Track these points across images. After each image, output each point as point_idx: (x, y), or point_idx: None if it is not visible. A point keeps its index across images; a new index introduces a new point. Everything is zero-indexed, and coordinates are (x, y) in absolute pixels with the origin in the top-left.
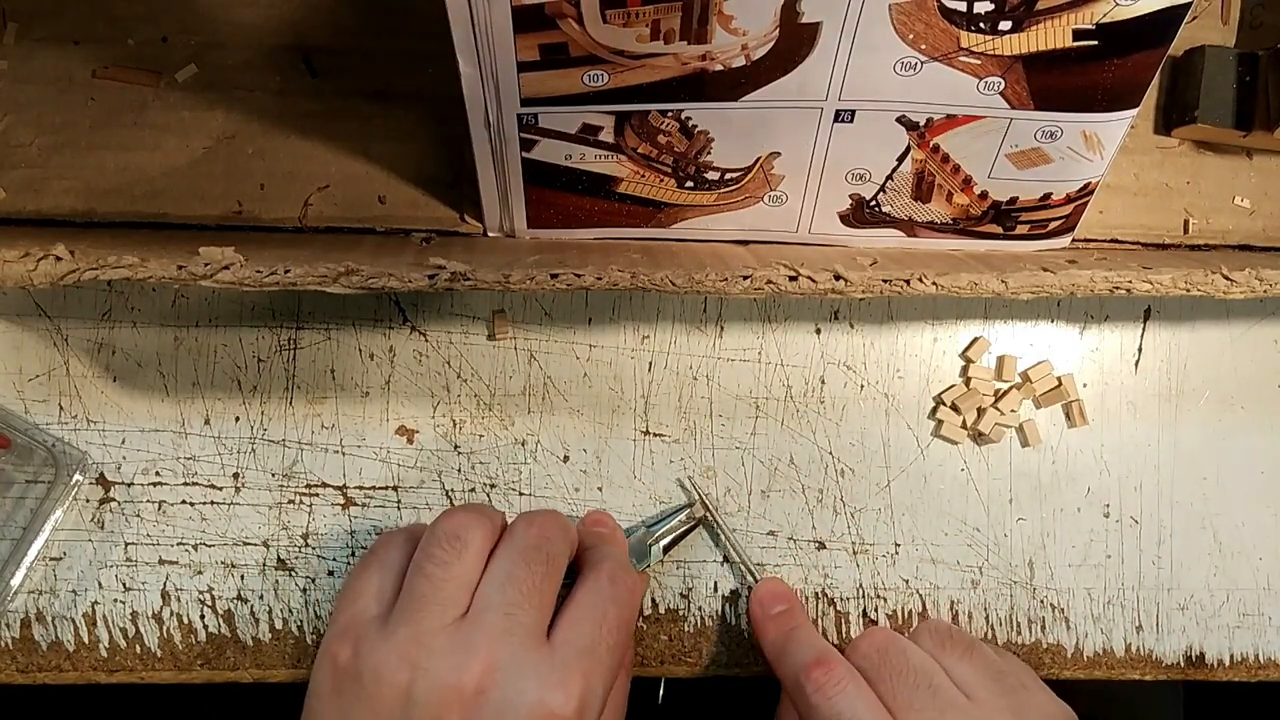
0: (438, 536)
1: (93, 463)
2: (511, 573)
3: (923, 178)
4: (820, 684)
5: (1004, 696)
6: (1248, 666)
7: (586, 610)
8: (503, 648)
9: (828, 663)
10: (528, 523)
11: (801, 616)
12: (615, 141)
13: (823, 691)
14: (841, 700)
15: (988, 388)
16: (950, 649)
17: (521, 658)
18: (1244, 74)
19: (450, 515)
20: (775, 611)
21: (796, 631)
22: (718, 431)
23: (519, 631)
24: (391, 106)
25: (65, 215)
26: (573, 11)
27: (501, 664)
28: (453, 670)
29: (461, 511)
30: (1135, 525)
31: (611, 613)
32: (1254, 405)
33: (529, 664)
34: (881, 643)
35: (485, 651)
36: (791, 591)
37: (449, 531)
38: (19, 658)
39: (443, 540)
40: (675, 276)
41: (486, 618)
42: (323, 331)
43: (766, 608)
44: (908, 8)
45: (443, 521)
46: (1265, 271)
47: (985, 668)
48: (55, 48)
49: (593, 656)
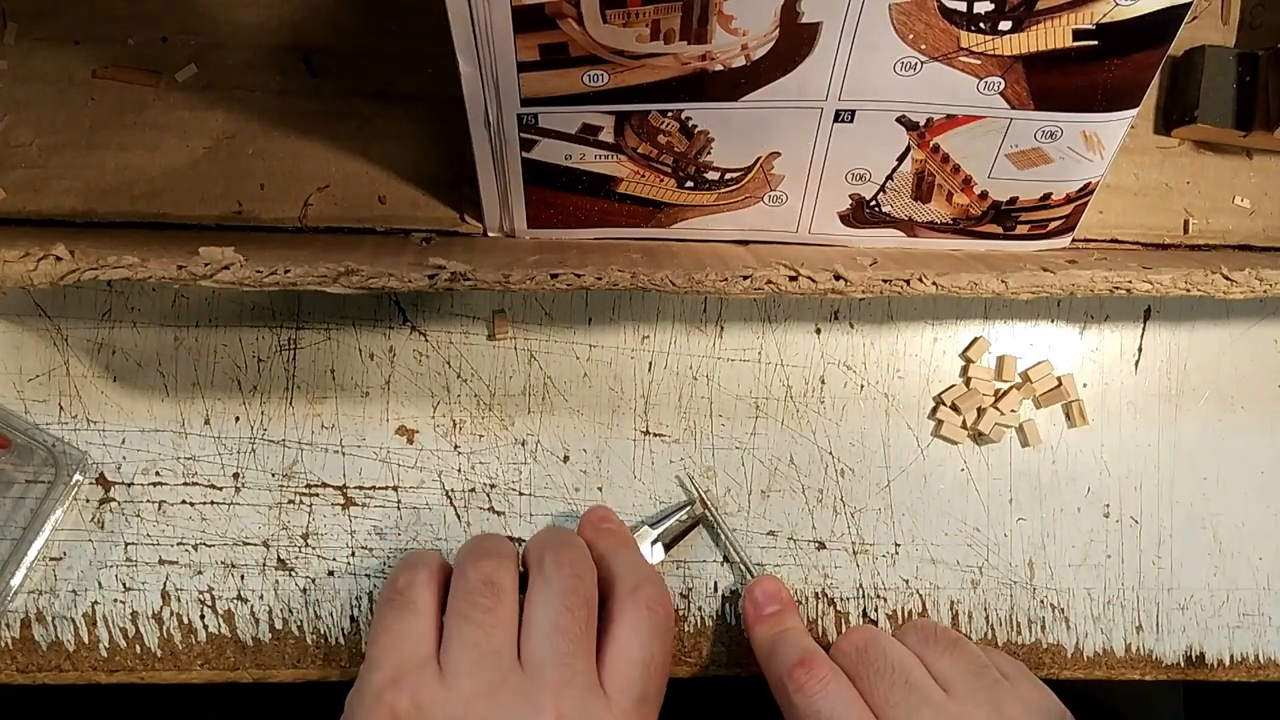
0: (474, 585)
1: (93, 463)
2: (558, 623)
3: (923, 178)
4: (802, 683)
5: (983, 691)
6: (1248, 666)
7: (634, 652)
8: (567, 700)
9: (811, 662)
10: (556, 563)
11: (793, 618)
12: (615, 141)
13: (804, 690)
14: (821, 699)
15: (988, 388)
16: (932, 645)
17: (586, 709)
18: (1244, 74)
19: (479, 560)
20: (768, 611)
21: (787, 633)
22: (718, 431)
23: (578, 681)
24: (391, 106)
25: (65, 215)
26: (573, 11)
27: (569, 717)
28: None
29: (485, 556)
30: (1135, 525)
31: (658, 649)
32: (1254, 405)
33: (593, 716)
34: (861, 641)
35: (551, 705)
36: (786, 591)
37: (484, 578)
38: (19, 658)
39: (481, 589)
40: (675, 276)
41: (546, 672)
42: (323, 331)
43: (760, 607)
44: (908, 8)
45: (470, 569)
46: (1265, 271)
47: (966, 663)
48: (55, 48)
49: (646, 702)
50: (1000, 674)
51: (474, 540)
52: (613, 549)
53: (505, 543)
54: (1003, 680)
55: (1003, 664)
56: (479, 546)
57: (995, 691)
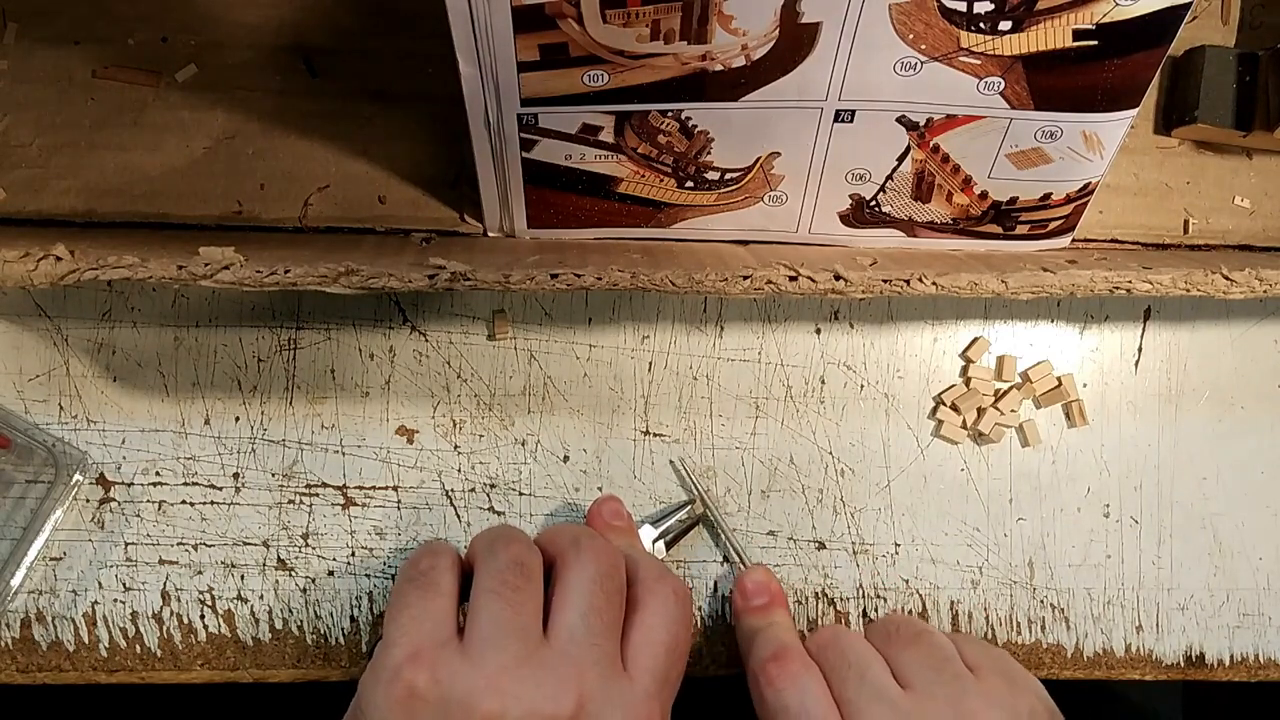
0: (503, 564)
1: (93, 463)
2: (593, 604)
3: (923, 178)
4: (773, 677)
5: (941, 686)
6: (1248, 666)
7: (660, 634)
8: (592, 679)
9: (784, 657)
10: (593, 550)
11: (781, 612)
12: (615, 141)
13: (774, 684)
14: (790, 693)
15: (988, 388)
16: (895, 640)
17: (610, 689)
18: (1244, 74)
19: (508, 544)
20: (756, 604)
21: (770, 627)
22: (718, 431)
23: (605, 662)
24: (391, 106)
25: (65, 215)
26: (573, 11)
27: (593, 695)
28: (548, 701)
29: (513, 540)
30: (1135, 525)
31: (682, 635)
32: (1254, 405)
33: (616, 695)
34: (826, 639)
35: (577, 683)
36: (776, 582)
37: (514, 558)
38: (19, 658)
39: (512, 567)
40: (675, 276)
41: (574, 649)
42: (323, 331)
43: (748, 598)
44: (908, 8)
45: (502, 549)
46: (1265, 271)
47: (926, 657)
48: (55, 48)
49: (667, 686)
50: (968, 666)
51: (495, 528)
52: (629, 544)
53: (524, 533)
54: (965, 674)
55: (974, 655)
56: (505, 533)
57: (954, 686)
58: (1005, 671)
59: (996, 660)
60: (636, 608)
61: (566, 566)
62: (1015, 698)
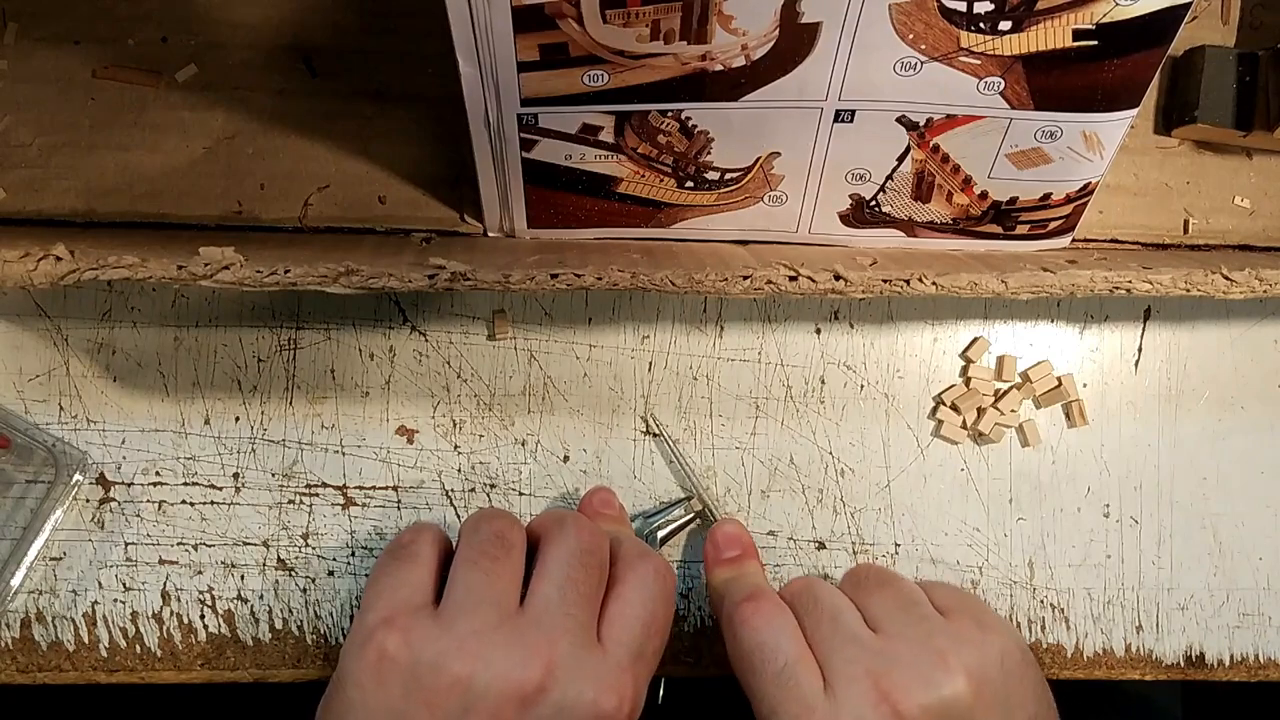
0: (484, 535)
1: (93, 463)
2: (570, 575)
3: (923, 178)
4: (747, 616)
5: (911, 626)
6: (1248, 666)
7: (637, 609)
8: (563, 648)
9: (758, 598)
10: (577, 527)
11: (752, 563)
12: (615, 141)
13: (748, 624)
14: (765, 632)
15: (988, 388)
16: (864, 587)
17: (581, 659)
18: (1244, 74)
19: (492, 518)
20: (727, 555)
21: (743, 576)
22: (718, 431)
23: (579, 633)
24: (391, 106)
25: (65, 215)
26: (573, 11)
27: (562, 663)
28: (517, 666)
29: (498, 516)
30: (1135, 525)
31: (660, 613)
32: (1254, 405)
33: (587, 665)
34: (798, 586)
35: (547, 651)
36: (748, 536)
37: (496, 532)
38: (19, 658)
39: (491, 538)
40: (675, 276)
41: (547, 618)
42: (323, 331)
43: (720, 550)
44: (908, 8)
45: (485, 523)
46: (1265, 271)
47: (895, 600)
48: (55, 48)
49: (641, 660)
50: (939, 609)
51: (483, 509)
52: (616, 529)
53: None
54: (933, 616)
55: (945, 598)
56: (490, 511)
57: (922, 627)
58: (975, 614)
59: (967, 603)
60: (617, 581)
61: (549, 542)
62: (985, 637)
